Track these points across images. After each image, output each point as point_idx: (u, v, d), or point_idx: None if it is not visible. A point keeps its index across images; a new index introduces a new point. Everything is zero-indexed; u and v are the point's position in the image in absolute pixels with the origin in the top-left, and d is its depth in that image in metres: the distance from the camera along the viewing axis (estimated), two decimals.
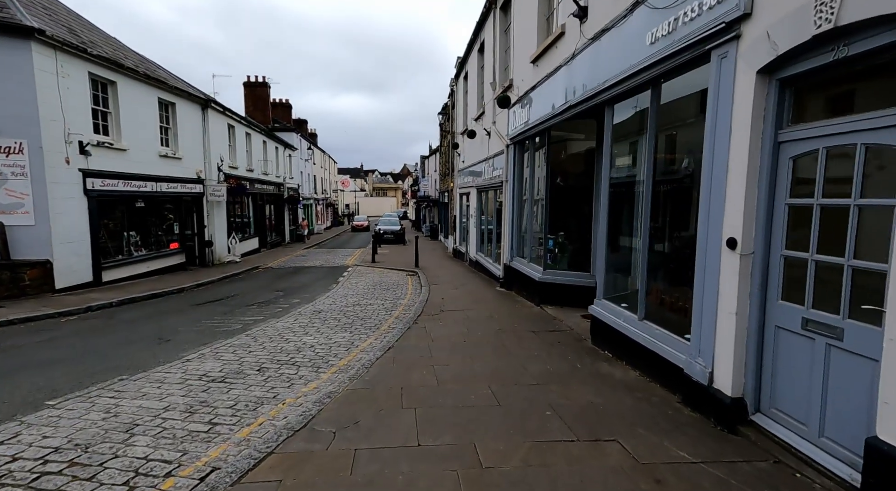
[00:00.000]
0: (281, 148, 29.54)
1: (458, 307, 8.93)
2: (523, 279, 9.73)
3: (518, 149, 10.65)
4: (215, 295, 11.25)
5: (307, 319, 8.17)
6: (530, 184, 9.87)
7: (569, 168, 10.08)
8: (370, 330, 7.45)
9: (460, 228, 19.96)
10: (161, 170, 14.37)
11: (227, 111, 18.93)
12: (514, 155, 10.76)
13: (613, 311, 5.84)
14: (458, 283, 12.51)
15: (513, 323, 7.51)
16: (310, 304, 9.77)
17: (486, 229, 14.54)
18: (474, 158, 15.69)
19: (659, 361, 4.65)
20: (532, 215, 9.97)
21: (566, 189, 9.93)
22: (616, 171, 6.61)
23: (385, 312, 8.93)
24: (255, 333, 7.08)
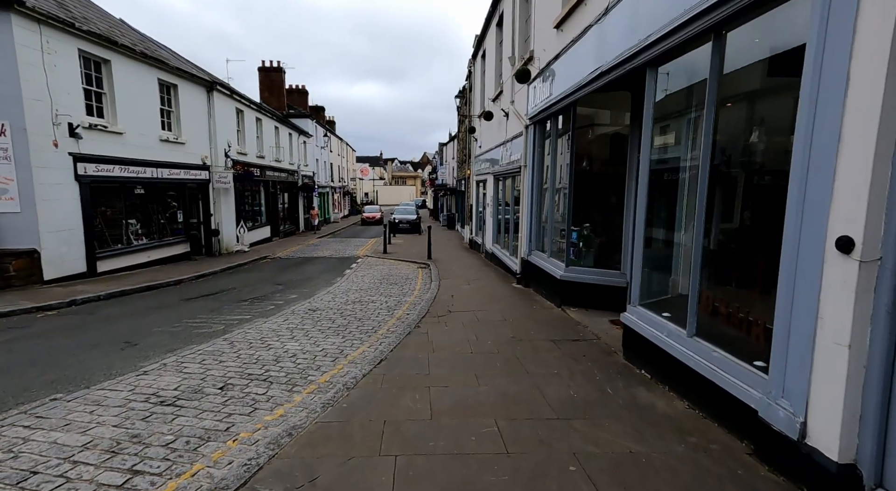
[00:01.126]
0: (295, 134, 28.85)
1: (468, 307, 7.95)
2: (542, 276, 8.68)
3: (538, 130, 9.50)
4: (211, 288, 10.54)
5: (298, 320, 7.32)
6: (552, 169, 8.75)
7: (595, 152, 8.92)
8: (365, 334, 6.55)
9: (476, 218, 18.90)
10: (162, 155, 13.72)
11: (234, 94, 18.20)
12: (533, 137, 9.63)
13: (653, 322, 4.76)
14: (470, 277, 11.52)
15: (529, 329, 6.49)
16: (307, 300, 8.94)
17: (503, 219, 13.45)
18: (491, 143, 14.56)
19: (717, 392, 3.59)
20: (553, 205, 8.87)
21: (592, 175, 8.78)
22: (658, 153, 5.46)
23: (386, 312, 8.02)
24: (234, 337, 6.25)
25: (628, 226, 7.08)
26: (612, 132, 8.57)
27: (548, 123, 9.15)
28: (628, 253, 7.10)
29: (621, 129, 8.17)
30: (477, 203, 18.88)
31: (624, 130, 7.95)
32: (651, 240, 6.45)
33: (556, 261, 8.23)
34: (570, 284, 7.59)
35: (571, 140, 7.59)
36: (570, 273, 7.62)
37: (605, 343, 5.85)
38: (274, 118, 24.15)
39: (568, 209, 7.70)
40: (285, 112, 31.32)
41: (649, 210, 5.31)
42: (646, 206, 5.12)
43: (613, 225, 8.63)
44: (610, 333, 6.23)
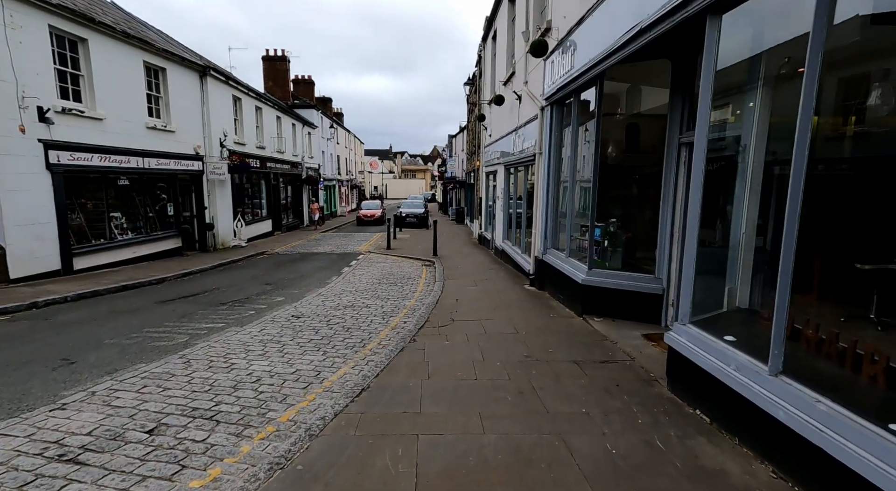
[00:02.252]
0: (299, 125, 27.89)
1: (474, 315, 6.89)
2: (560, 278, 7.57)
3: (556, 111, 8.35)
4: (193, 288, 9.61)
5: (277, 329, 6.33)
6: (571, 156, 7.60)
7: (624, 136, 7.75)
8: (351, 350, 5.52)
9: (486, 212, 17.78)
10: (149, 144, 12.81)
11: (230, 80, 17.23)
12: (550, 119, 8.47)
13: (712, 348, 3.64)
14: (478, 277, 10.45)
15: (546, 345, 5.41)
16: (292, 304, 7.95)
17: (515, 214, 12.33)
18: (502, 130, 13.40)
19: (828, 462, 2.49)
20: (573, 196, 7.73)
21: (620, 163, 7.63)
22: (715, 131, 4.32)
23: (380, 320, 6.99)
24: (195, 353, 5.27)
25: (665, 222, 5.95)
26: (646, 112, 7.39)
27: (567, 103, 7.99)
28: (664, 254, 5.97)
29: (657, 107, 6.99)
30: (486, 196, 17.75)
31: (660, 110, 6.78)
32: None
33: (577, 262, 7.12)
34: (594, 290, 6.48)
35: (597, 120, 6.43)
36: (594, 277, 6.51)
37: (641, 366, 4.74)
38: (275, 107, 23.19)
39: (592, 202, 6.57)
40: (290, 102, 30.38)
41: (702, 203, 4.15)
42: (700, 197, 3.97)
43: (644, 221, 7.49)
44: (645, 353, 5.12)
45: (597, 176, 6.48)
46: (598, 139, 6.43)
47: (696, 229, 4.01)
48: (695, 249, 4.04)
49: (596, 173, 6.47)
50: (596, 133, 6.43)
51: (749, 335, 3.85)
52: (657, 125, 6.99)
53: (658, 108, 6.95)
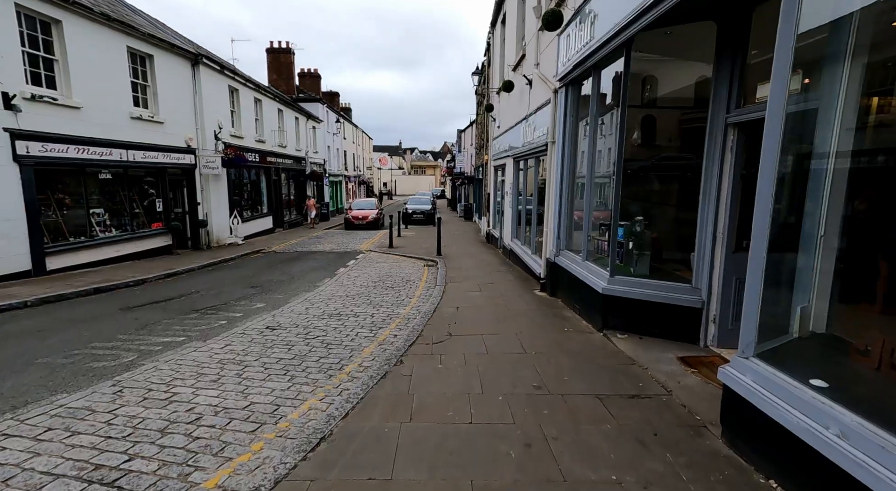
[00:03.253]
0: (303, 119, 27.07)
1: (475, 328, 5.93)
2: (575, 285, 6.56)
3: (571, 94, 7.31)
4: (170, 292, 8.78)
5: (244, 345, 5.43)
6: (589, 144, 6.57)
7: (653, 121, 6.72)
8: (324, 375, 4.59)
9: (494, 209, 16.77)
10: (134, 135, 12.02)
11: (225, 69, 16.40)
12: (564, 103, 7.44)
13: (795, 397, 2.63)
14: (483, 280, 9.47)
15: (560, 371, 4.43)
16: (272, 312, 7.06)
17: (524, 210, 11.32)
18: (511, 120, 12.37)
19: None
20: (591, 191, 6.72)
21: (648, 151, 6.61)
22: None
23: (367, 333, 6.06)
24: (133, 378, 4.39)
25: (705, 221, 4.91)
26: (680, 91, 6.34)
27: (584, 84, 6.97)
28: (704, 259, 4.93)
29: (696, 81, 5.94)
30: (494, 192, 16.73)
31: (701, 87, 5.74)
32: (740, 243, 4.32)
33: (596, 267, 6.10)
34: (617, 301, 5.47)
35: (623, 98, 5.39)
36: (617, 285, 5.49)
37: (681, 404, 3.74)
38: (277, 100, 22.37)
39: (614, 195, 5.54)
40: (294, 96, 29.62)
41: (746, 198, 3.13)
42: (773, 189, 2.94)
43: (672, 219, 6.47)
44: (684, 383, 4.11)
45: (621, 164, 5.46)
46: (624, 121, 5.40)
47: (766, 230, 2.99)
48: (763, 257, 3.01)
49: (620, 161, 5.44)
50: (621, 114, 5.39)
51: (846, 379, 2.83)
52: (689, 109, 5.97)
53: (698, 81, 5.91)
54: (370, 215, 22.99)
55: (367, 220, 22.75)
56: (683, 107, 6.45)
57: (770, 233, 2.99)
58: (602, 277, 5.75)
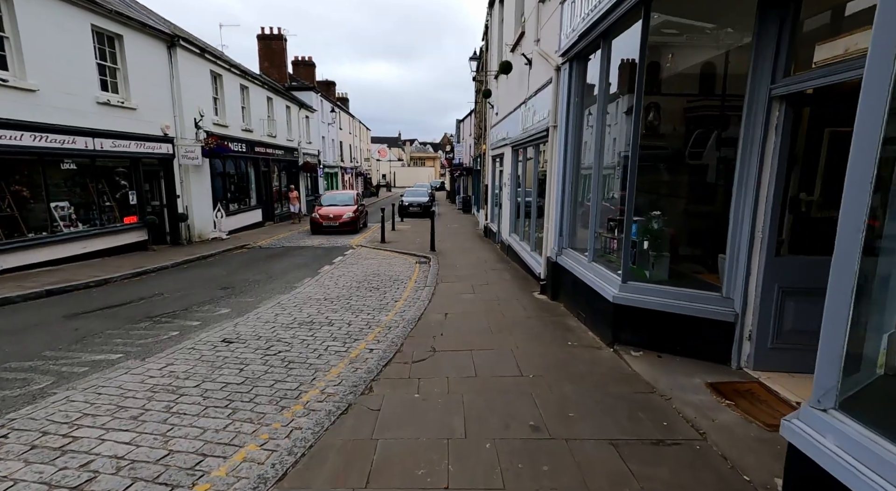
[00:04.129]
0: (295, 107, 26.07)
1: (464, 341, 5.09)
2: (580, 290, 5.71)
3: (576, 70, 6.40)
4: (130, 294, 7.94)
5: (188, 365, 4.59)
6: (598, 127, 5.67)
7: (673, 100, 5.83)
8: (275, 407, 3.75)
9: (492, 201, 15.88)
10: (102, 122, 11.11)
11: (206, 53, 15.41)
12: (568, 81, 6.53)
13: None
14: (478, 280, 8.62)
15: (564, 402, 3.59)
16: (235, 320, 6.23)
17: (524, 203, 10.45)
18: (510, 105, 11.45)
19: None
20: (599, 181, 5.83)
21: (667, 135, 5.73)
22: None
23: (339, 347, 5.22)
24: (33, 414, 3.54)
25: (741, 216, 4.04)
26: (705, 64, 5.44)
27: (593, 59, 6.05)
28: (739, 263, 4.07)
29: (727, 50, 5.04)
30: (493, 183, 15.83)
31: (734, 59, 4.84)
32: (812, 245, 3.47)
33: (604, 270, 5.24)
34: (630, 311, 4.62)
35: (640, 67, 4.49)
36: (631, 293, 4.64)
37: (721, 454, 2.90)
38: (266, 87, 21.37)
39: (629, 186, 4.66)
40: (287, 84, 28.57)
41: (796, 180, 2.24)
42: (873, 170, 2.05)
43: (699, 215, 5.61)
44: (720, 421, 3.27)
45: (636, 150, 4.57)
46: (641, 96, 4.50)
47: (859, 229, 2.10)
48: (854, 267, 2.13)
49: (636, 145, 4.55)
50: (637, 87, 4.49)
51: None
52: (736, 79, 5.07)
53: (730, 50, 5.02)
54: (345, 214, 16.92)
55: (341, 221, 16.75)
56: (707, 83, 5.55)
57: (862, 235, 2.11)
58: (612, 282, 4.89)
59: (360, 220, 18.24)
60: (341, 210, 17.40)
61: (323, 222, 16.99)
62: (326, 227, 16.91)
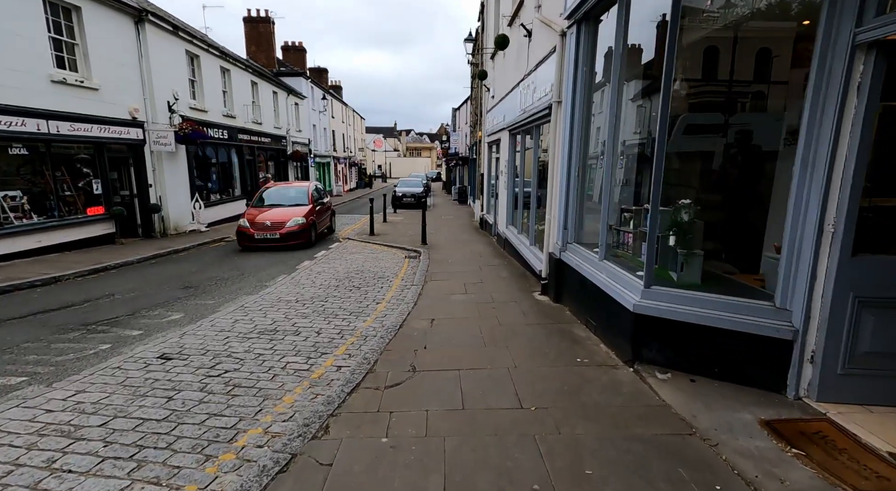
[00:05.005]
0: (283, 94, 24.94)
1: (451, 357, 4.20)
2: (590, 293, 4.81)
3: (585, 34, 5.44)
4: (77, 296, 7.01)
5: (107, 392, 3.70)
6: (613, 97, 4.73)
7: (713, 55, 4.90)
8: (193, 460, 2.85)
9: (488, 191, 14.95)
10: (57, 103, 10.07)
11: (181, 31, 14.28)
12: (575, 47, 5.56)
13: None
14: (471, 277, 7.73)
15: (578, 454, 2.71)
16: (184, 329, 5.32)
17: (522, 192, 9.52)
18: (507, 86, 10.46)
19: None
20: (613, 162, 4.90)
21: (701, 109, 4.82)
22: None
23: (300, 365, 4.32)
24: None
25: (803, 204, 3.13)
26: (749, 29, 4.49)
27: (605, 19, 5.10)
28: (801, 266, 3.17)
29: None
30: (488, 172, 14.89)
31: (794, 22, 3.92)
32: None
33: (620, 270, 4.34)
34: (655, 323, 3.73)
35: (673, 12, 3.55)
36: (656, 300, 3.74)
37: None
38: (250, 70, 20.23)
39: (655, 169, 3.73)
40: (276, 70, 27.37)
41: None
42: None
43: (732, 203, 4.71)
44: (792, 482, 2.39)
45: (666, 122, 3.64)
46: (674, 52, 3.56)
47: None
48: None
49: (665, 116, 3.62)
50: (669, 40, 3.55)
51: None
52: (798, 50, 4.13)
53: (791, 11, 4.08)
54: (290, 220, 11.32)
55: (284, 232, 11.13)
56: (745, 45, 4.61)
57: None
58: (631, 286, 4.00)
59: (317, 228, 12.31)
60: (285, 213, 11.62)
61: (254, 233, 10.99)
62: (261, 240, 11.03)
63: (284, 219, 11.49)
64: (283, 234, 11.24)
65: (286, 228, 11.32)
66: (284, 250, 11.13)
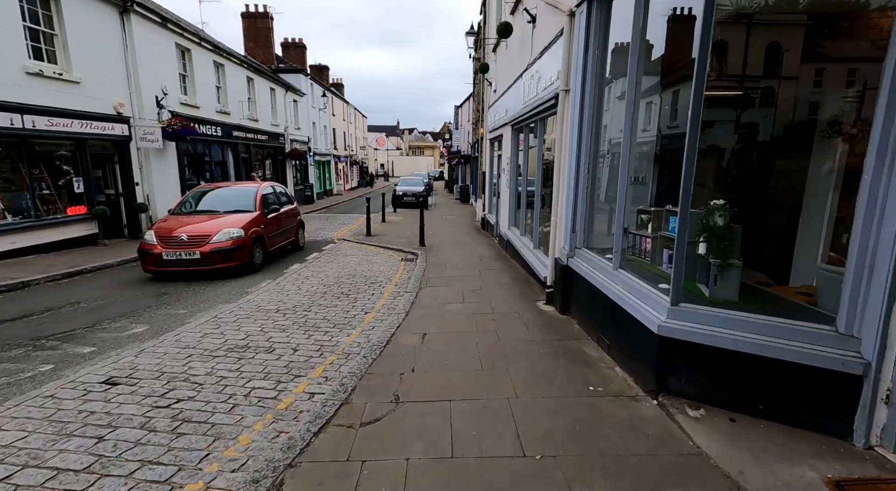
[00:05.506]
0: (281, 90, 24.37)
1: (443, 384, 3.58)
2: (604, 307, 4.18)
3: (596, 10, 4.81)
4: (40, 303, 6.46)
5: (22, 431, 3.11)
6: (633, 78, 4.08)
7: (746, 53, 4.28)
8: None
9: (489, 190, 14.32)
10: (34, 96, 9.52)
11: (170, 23, 13.71)
12: (585, 27, 4.92)
13: None
14: (470, 284, 7.12)
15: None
16: (143, 345, 4.73)
17: (525, 191, 8.90)
18: (510, 78, 9.83)
19: None
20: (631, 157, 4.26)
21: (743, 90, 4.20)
22: None
23: (266, 391, 3.72)
24: None
25: (878, 207, 2.50)
26: None
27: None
28: (873, 279, 2.53)
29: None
30: (490, 170, 14.26)
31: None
32: None
33: (639, 282, 3.70)
34: (685, 348, 3.10)
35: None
36: (686, 321, 3.12)
37: None
38: (245, 66, 19.66)
39: (687, 160, 3.10)
40: (274, 66, 26.80)
41: None
42: None
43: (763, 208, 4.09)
44: None
45: (700, 103, 3.00)
46: (710, 23, 2.92)
47: None
48: None
49: (700, 97, 2.99)
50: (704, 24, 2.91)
51: None
52: None
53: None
54: (215, 234, 8.01)
55: (206, 252, 7.81)
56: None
57: None
58: (654, 302, 3.37)
59: (266, 244, 9.10)
60: (214, 224, 8.23)
61: (162, 252, 7.68)
62: (173, 262, 7.72)
63: (209, 232, 7.91)
64: (205, 254, 7.66)
65: (211, 245, 7.73)
66: (213, 278, 7.84)
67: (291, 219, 10.86)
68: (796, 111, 4.13)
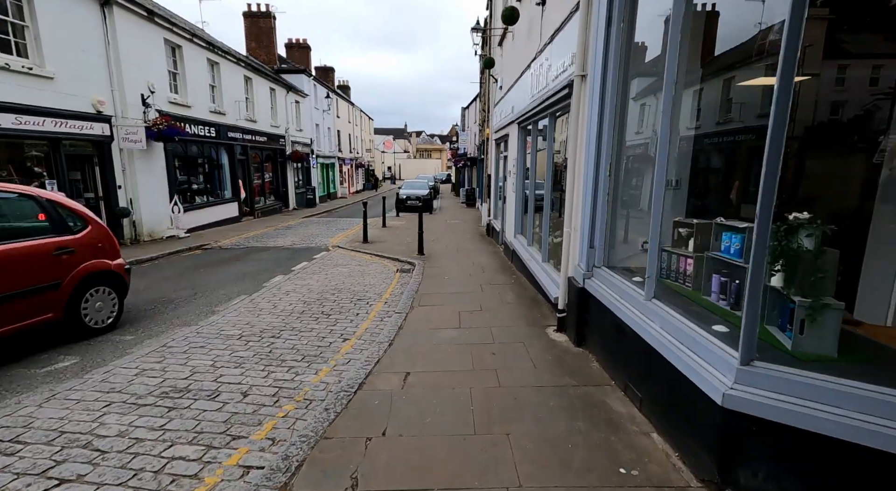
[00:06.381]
0: (281, 91, 23.66)
1: (421, 460, 2.64)
2: (635, 347, 3.21)
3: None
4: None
5: None
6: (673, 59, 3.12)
7: None
8: None
9: (495, 194, 13.37)
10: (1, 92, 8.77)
11: (156, 17, 12.95)
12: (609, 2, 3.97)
13: None
14: (469, 301, 6.18)
15: None
16: (57, 388, 3.85)
17: (533, 195, 7.94)
18: (516, 71, 8.89)
19: None
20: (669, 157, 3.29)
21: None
22: None
23: (182, 468, 2.81)
24: None
25: None
26: None
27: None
28: None
29: None
30: (495, 172, 13.31)
31: None
32: None
33: (691, 325, 2.73)
34: (764, 427, 2.12)
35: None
36: (762, 388, 2.14)
37: None
38: (242, 64, 18.93)
39: (768, 158, 2.13)
40: (276, 66, 26.15)
41: None
42: None
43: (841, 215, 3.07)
44: None
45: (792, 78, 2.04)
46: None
47: None
48: None
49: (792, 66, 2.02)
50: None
51: None
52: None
53: None
54: None
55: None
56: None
57: None
58: (714, 357, 2.40)
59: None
60: None
61: None
62: None
63: None
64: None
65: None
66: None
67: (49, 265, 5.10)
68: None
